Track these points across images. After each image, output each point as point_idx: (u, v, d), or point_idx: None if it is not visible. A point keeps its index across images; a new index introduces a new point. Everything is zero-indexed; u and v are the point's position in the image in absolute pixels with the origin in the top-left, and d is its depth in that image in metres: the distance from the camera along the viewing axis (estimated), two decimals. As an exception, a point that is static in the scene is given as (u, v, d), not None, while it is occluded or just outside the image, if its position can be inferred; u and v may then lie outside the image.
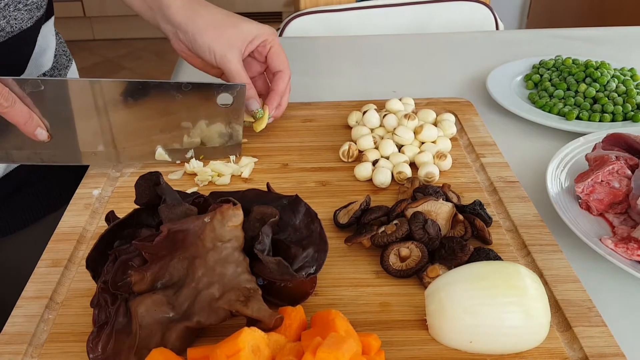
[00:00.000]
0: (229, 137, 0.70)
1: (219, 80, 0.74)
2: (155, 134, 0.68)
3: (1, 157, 0.65)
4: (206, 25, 0.69)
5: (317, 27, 1.29)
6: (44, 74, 0.76)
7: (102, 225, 0.60)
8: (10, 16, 0.66)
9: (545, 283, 0.52)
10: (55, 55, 0.79)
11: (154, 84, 0.65)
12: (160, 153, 0.69)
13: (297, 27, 1.28)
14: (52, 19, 0.78)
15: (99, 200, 0.64)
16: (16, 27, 0.67)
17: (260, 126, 0.73)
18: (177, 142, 0.69)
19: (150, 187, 0.49)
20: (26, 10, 0.68)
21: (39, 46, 0.74)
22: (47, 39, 0.76)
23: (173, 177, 0.67)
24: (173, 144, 0.69)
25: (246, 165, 0.68)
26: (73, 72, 0.84)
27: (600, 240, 0.56)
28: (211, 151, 0.70)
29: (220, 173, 0.67)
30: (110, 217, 0.50)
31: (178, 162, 0.70)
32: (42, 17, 0.72)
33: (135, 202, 0.50)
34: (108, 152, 0.67)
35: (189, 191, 0.63)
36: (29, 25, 0.68)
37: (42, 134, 0.63)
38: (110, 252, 0.47)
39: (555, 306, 0.50)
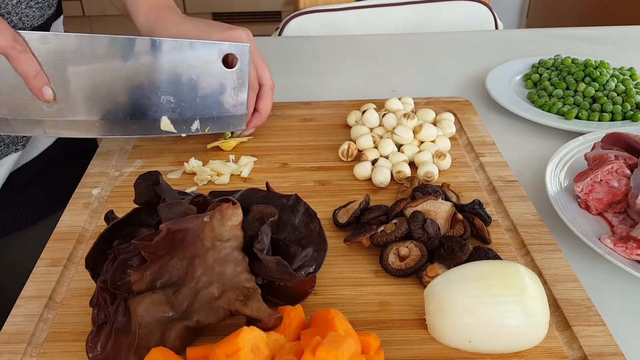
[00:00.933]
0: (234, 105, 0.68)
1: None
2: (159, 100, 0.65)
3: (2, 128, 0.62)
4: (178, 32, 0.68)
5: (316, 27, 1.29)
6: None
7: (101, 225, 0.60)
8: (22, 13, 0.66)
9: (544, 282, 0.52)
10: None
11: (160, 42, 0.63)
12: (166, 123, 0.66)
13: (296, 26, 1.28)
14: (61, 17, 0.78)
15: (98, 200, 0.64)
16: (27, 24, 0.67)
17: (230, 146, 0.72)
18: (181, 110, 0.66)
19: (150, 187, 0.49)
20: (37, 7, 0.68)
21: None
22: None
23: (172, 177, 0.67)
24: (177, 112, 0.66)
25: (245, 165, 0.68)
26: None
27: (599, 239, 0.56)
28: (216, 122, 0.68)
29: (220, 172, 0.67)
30: (109, 216, 0.50)
31: (184, 135, 0.68)
32: (52, 15, 0.72)
33: (135, 201, 0.50)
34: (113, 123, 0.65)
35: (188, 190, 0.63)
36: (40, 23, 0.69)
37: (48, 92, 0.60)
38: (110, 251, 0.47)
39: (554, 305, 0.50)
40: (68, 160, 0.80)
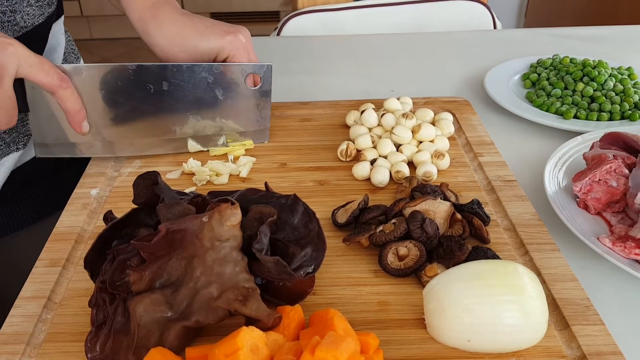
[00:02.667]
0: (257, 120, 0.71)
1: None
2: (187, 120, 0.69)
3: (42, 151, 0.66)
4: (163, 43, 0.69)
5: (314, 27, 1.29)
6: None
7: (100, 225, 0.60)
8: (23, 11, 0.66)
9: (543, 282, 0.52)
10: (64, 54, 0.79)
11: (186, 67, 0.66)
12: (192, 145, 0.70)
13: (294, 26, 1.28)
14: (62, 17, 0.78)
15: (97, 200, 0.64)
16: (29, 22, 0.67)
17: (234, 151, 0.73)
18: (208, 129, 0.70)
19: (149, 187, 0.49)
20: (37, 6, 0.68)
21: (50, 44, 0.74)
22: (58, 38, 0.77)
23: (171, 177, 0.67)
24: (204, 131, 0.70)
25: (244, 165, 0.68)
26: None
27: (597, 239, 0.57)
28: (242, 136, 0.72)
29: (219, 172, 0.67)
30: (108, 216, 0.50)
31: (207, 149, 0.71)
32: (52, 14, 0.72)
33: (134, 201, 0.50)
34: (141, 142, 0.68)
35: (187, 191, 0.63)
36: (40, 21, 0.69)
37: (86, 126, 0.64)
38: (109, 251, 0.47)
39: (553, 305, 0.50)
40: (68, 159, 0.80)
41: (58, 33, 0.77)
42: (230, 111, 0.70)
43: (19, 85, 0.60)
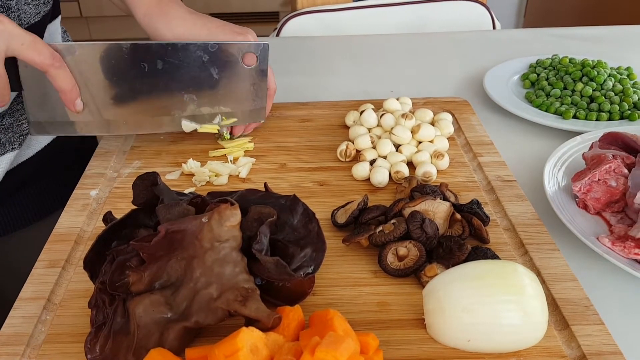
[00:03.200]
0: (253, 100, 0.71)
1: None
2: (182, 99, 0.68)
3: (37, 130, 0.66)
4: (181, 34, 0.68)
5: (314, 27, 1.29)
6: None
7: (99, 226, 0.60)
8: (20, 10, 0.66)
9: (543, 282, 0.52)
10: None
11: (181, 45, 0.66)
12: (186, 125, 0.69)
13: (294, 27, 1.28)
14: (59, 18, 0.78)
15: (96, 201, 0.64)
16: (25, 20, 0.67)
17: (232, 149, 0.72)
18: (204, 107, 0.69)
19: (148, 188, 0.49)
20: (34, 4, 0.68)
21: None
22: (54, 38, 0.77)
23: (170, 177, 0.67)
24: (199, 110, 0.69)
25: (244, 165, 0.68)
26: None
27: (597, 238, 0.57)
28: (237, 115, 0.71)
29: (218, 173, 0.67)
30: (107, 217, 0.50)
31: (201, 126, 0.70)
32: (48, 13, 0.72)
33: (133, 202, 0.50)
34: (135, 121, 0.68)
35: (186, 191, 0.63)
36: (36, 20, 0.69)
37: (80, 104, 0.64)
38: (108, 252, 0.47)
39: (553, 305, 0.50)
40: (65, 159, 0.80)
41: (55, 33, 0.77)
42: (226, 90, 0.69)
43: (12, 63, 0.60)
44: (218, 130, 0.72)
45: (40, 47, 0.57)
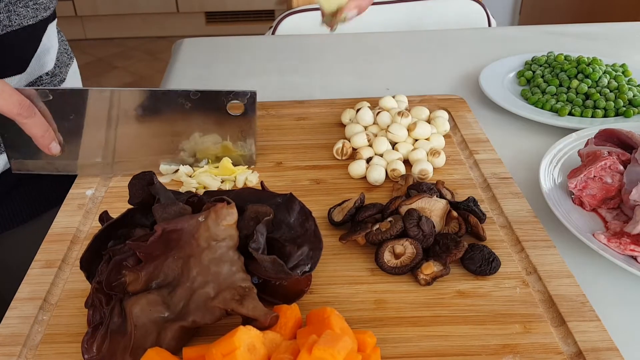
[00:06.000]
0: (241, 148, 0.68)
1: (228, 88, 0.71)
2: (162, 147, 0.67)
3: (18, 167, 0.66)
4: None
5: (309, 25, 1.29)
6: (47, 74, 0.75)
7: (95, 226, 0.60)
8: (12, 11, 0.65)
9: (539, 278, 0.52)
10: (57, 53, 0.79)
11: (162, 92, 0.64)
12: (165, 168, 0.67)
13: (289, 25, 1.28)
14: (55, 20, 0.78)
15: (92, 201, 0.64)
16: (15, 22, 0.66)
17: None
18: (186, 156, 0.68)
19: (144, 187, 0.49)
20: (33, 9, 0.67)
21: (44, 45, 0.73)
22: (52, 40, 0.76)
23: (162, 181, 0.67)
24: (182, 157, 0.68)
25: (240, 174, 0.66)
26: (74, 69, 0.84)
27: (593, 235, 0.57)
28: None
29: (207, 186, 0.65)
30: (104, 217, 0.49)
31: (180, 166, 0.68)
32: (47, 18, 0.72)
33: (129, 201, 0.50)
34: (114, 165, 0.67)
35: (182, 190, 0.63)
36: (30, 22, 0.68)
37: (55, 147, 0.63)
38: (104, 252, 0.47)
39: (549, 301, 0.50)
40: None
41: (52, 35, 0.76)
42: (211, 138, 0.67)
43: None
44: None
45: (6, 96, 0.56)
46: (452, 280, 0.52)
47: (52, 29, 0.76)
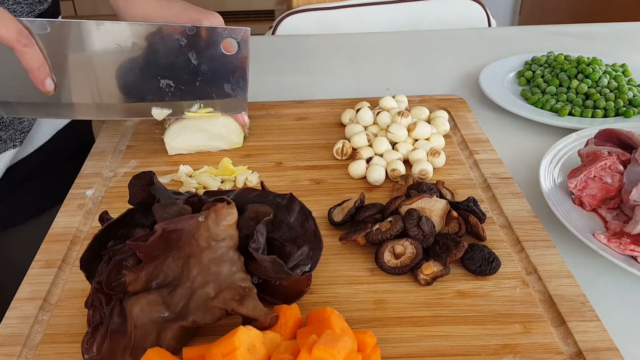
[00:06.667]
0: (232, 89, 0.68)
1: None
2: (154, 88, 0.65)
3: (6, 110, 0.63)
4: (139, 19, 0.66)
5: (309, 25, 1.29)
6: None
7: (95, 226, 0.60)
8: (9, 9, 0.65)
9: (539, 278, 0.52)
10: None
11: (158, 27, 0.63)
12: (157, 112, 0.66)
13: (289, 25, 1.28)
14: (60, 17, 0.78)
15: (92, 201, 0.64)
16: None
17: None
18: (180, 95, 0.67)
19: (144, 187, 0.49)
20: (26, 4, 0.67)
21: None
22: None
23: (162, 181, 0.66)
24: (176, 96, 0.67)
25: (240, 174, 0.67)
26: None
27: (593, 235, 0.57)
28: (217, 105, 0.68)
29: (207, 186, 0.65)
30: (104, 217, 0.49)
31: (183, 116, 0.68)
32: (45, 13, 0.71)
33: (129, 202, 0.50)
34: (107, 106, 0.65)
35: (182, 190, 0.63)
36: (27, 18, 0.68)
37: (50, 84, 0.61)
38: (104, 252, 0.47)
39: (549, 301, 0.50)
40: (64, 156, 0.80)
41: None
42: (204, 77, 0.66)
43: None
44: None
45: (7, 22, 0.55)
46: (452, 280, 0.52)
47: None
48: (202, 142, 0.70)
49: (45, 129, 0.77)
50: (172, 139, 0.70)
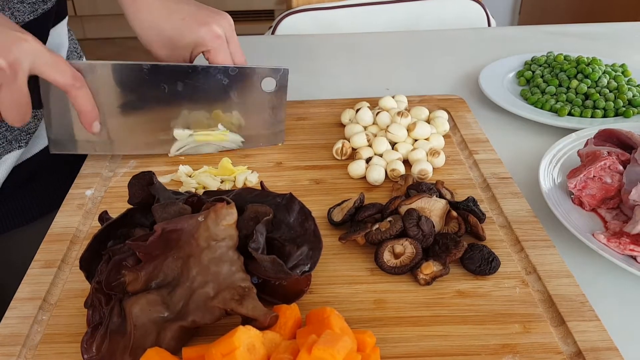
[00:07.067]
0: (272, 124, 0.71)
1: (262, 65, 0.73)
2: (202, 122, 0.68)
3: (56, 147, 0.66)
4: (141, 33, 0.67)
5: (309, 25, 1.29)
6: None
7: (95, 226, 0.60)
8: (14, 8, 0.65)
9: (539, 278, 0.52)
10: (67, 53, 0.79)
11: (202, 69, 0.65)
12: (178, 134, 0.68)
13: (289, 25, 1.28)
14: (66, 18, 0.78)
15: (92, 201, 0.64)
16: (19, 18, 0.66)
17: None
18: (222, 127, 0.70)
19: (144, 187, 0.49)
20: (29, 3, 0.67)
21: (54, 45, 0.73)
22: (62, 38, 0.76)
23: (161, 181, 0.66)
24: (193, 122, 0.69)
25: (240, 173, 0.67)
26: None
27: (593, 235, 0.57)
28: (255, 138, 0.72)
29: (206, 186, 0.65)
30: (103, 217, 0.49)
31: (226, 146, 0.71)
32: (48, 12, 0.71)
33: (129, 201, 0.50)
34: (154, 142, 0.68)
35: (181, 190, 0.63)
36: (31, 17, 0.68)
37: (97, 126, 0.63)
38: (104, 252, 0.47)
39: (549, 301, 0.50)
40: (69, 157, 0.80)
41: (62, 34, 0.76)
42: (244, 114, 0.70)
43: (34, 81, 0.59)
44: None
45: (63, 67, 0.57)
46: (452, 280, 0.52)
47: (61, 28, 0.76)
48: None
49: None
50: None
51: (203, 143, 0.70)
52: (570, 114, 0.81)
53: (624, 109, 0.80)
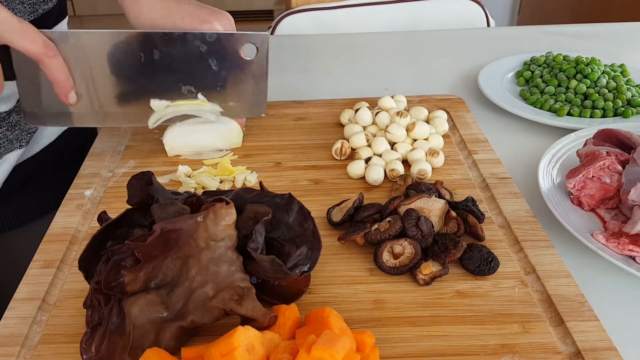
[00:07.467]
0: (253, 93, 0.69)
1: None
2: (180, 92, 0.66)
3: (32, 120, 0.64)
4: (149, 26, 0.67)
5: (308, 25, 1.29)
6: None
7: (94, 226, 0.60)
8: (15, 9, 0.65)
9: (538, 278, 0.52)
10: None
11: (178, 35, 0.64)
12: (155, 104, 0.67)
13: (288, 25, 1.28)
14: (66, 19, 0.78)
15: (91, 201, 0.64)
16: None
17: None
18: (201, 96, 0.68)
19: (143, 187, 0.49)
20: (29, 3, 0.67)
21: None
22: None
23: (160, 181, 0.66)
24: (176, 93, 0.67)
25: (239, 173, 0.67)
26: None
27: (591, 235, 0.57)
28: (236, 109, 0.69)
29: (205, 186, 0.65)
30: (102, 217, 0.49)
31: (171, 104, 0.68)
32: (48, 12, 0.71)
33: (128, 202, 0.50)
34: (132, 112, 0.67)
35: (180, 190, 0.63)
36: (31, 18, 0.68)
37: (73, 96, 0.62)
38: (103, 252, 0.47)
39: (548, 301, 0.50)
40: (70, 157, 0.80)
41: None
42: (225, 82, 0.67)
43: (5, 52, 0.58)
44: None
45: (33, 35, 0.55)
46: (451, 280, 0.52)
47: (62, 27, 0.76)
48: (201, 142, 0.70)
49: (51, 129, 0.77)
50: (172, 140, 0.69)
51: (180, 113, 0.68)
52: (569, 114, 0.81)
53: (622, 109, 0.80)
